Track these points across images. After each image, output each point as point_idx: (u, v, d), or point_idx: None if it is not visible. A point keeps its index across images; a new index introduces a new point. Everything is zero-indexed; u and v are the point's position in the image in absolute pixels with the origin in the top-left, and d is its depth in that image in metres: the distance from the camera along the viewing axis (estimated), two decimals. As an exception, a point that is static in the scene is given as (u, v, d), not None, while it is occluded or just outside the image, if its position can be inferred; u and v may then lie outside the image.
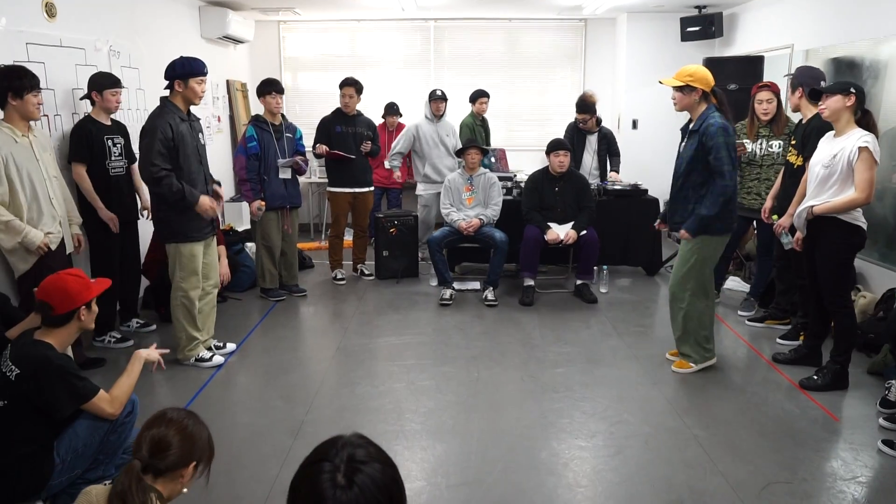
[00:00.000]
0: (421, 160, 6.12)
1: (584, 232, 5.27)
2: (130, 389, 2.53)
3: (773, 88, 4.54)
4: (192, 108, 3.93)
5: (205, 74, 3.81)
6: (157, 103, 3.85)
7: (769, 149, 4.59)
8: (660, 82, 3.80)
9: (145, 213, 4.47)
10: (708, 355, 3.93)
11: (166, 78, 3.80)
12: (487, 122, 6.77)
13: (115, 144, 4.20)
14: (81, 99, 4.26)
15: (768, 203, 4.42)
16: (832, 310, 3.68)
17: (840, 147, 3.42)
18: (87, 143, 4.08)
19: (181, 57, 3.81)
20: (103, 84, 4.12)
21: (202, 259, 4.03)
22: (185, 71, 3.75)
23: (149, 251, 4.81)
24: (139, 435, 1.78)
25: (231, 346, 4.31)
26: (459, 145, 6.08)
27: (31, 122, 3.53)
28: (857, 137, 3.36)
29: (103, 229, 4.19)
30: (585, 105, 5.94)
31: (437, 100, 5.98)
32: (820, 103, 3.49)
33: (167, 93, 3.85)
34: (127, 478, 1.67)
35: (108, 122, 4.21)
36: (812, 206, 3.53)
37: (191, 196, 3.80)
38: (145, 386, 3.81)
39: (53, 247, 3.55)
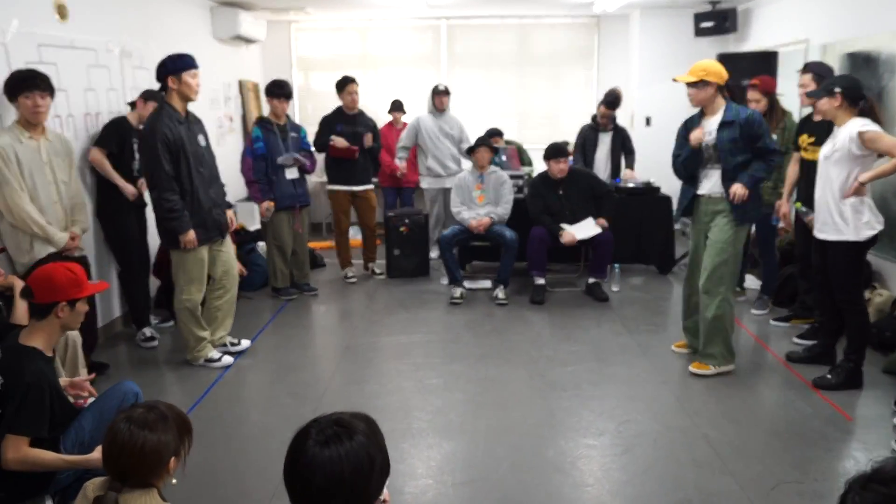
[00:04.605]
0: (424, 154, 6.13)
1: (600, 231, 5.24)
2: (45, 468, 2.28)
3: (762, 87, 4.48)
4: (196, 109, 3.89)
5: (196, 67, 3.75)
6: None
7: None
8: (674, 80, 3.81)
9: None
10: (731, 358, 3.84)
11: (158, 79, 3.74)
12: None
13: (137, 149, 4.28)
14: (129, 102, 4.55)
15: (786, 192, 4.32)
16: (842, 306, 3.63)
17: (838, 138, 3.43)
18: (117, 139, 4.20)
19: (170, 55, 3.75)
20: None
21: (216, 260, 4.03)
22: (176, 66, 3.69)
23: (158, 252, 4.83)
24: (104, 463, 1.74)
25: (246, 343, 4.32)
26: (467, 138, 6.08)
27: (46, 126, 3.54)
28: (850, 128, 3.35)
29: (122, 220, 4.30)
30: (618, 101, 5.98)
31: (440, 94, 5.98)
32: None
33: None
34: None
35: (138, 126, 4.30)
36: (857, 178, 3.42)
37: (181, 225, 3.74)
38: (157, 383, 3.86)
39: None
